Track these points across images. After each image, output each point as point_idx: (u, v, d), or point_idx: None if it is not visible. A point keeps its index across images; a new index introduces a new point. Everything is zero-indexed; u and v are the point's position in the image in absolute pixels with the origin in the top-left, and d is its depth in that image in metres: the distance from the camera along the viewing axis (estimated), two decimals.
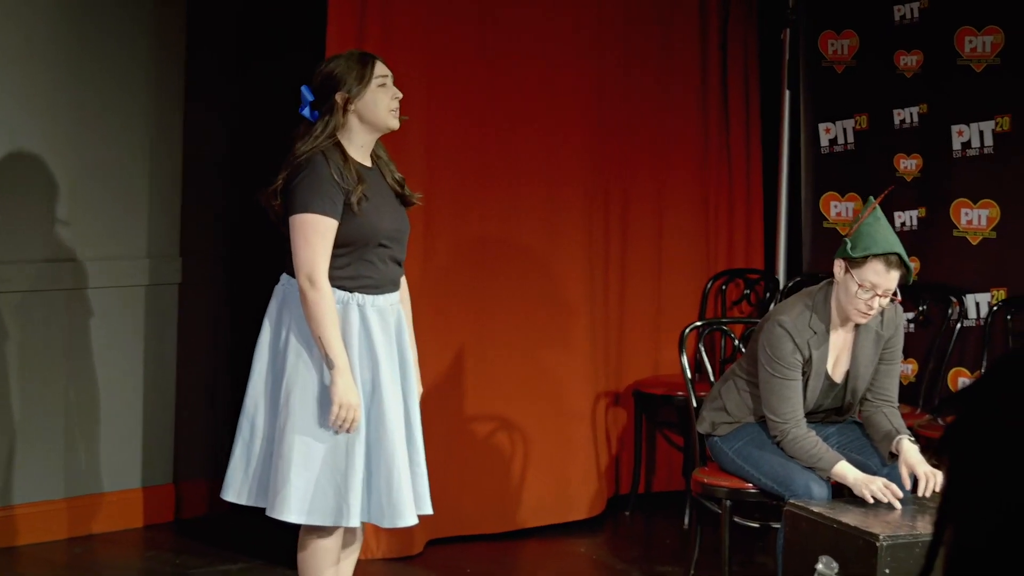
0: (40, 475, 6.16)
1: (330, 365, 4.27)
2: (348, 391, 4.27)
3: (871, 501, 4.68)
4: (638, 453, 7.05)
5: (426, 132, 6.06)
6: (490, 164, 6.42)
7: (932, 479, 4.75)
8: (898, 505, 4.65)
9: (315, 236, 4.29)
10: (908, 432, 4.98)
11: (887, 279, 4.78)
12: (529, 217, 6.54)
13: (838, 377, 5.02)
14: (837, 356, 4.99)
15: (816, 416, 5.08)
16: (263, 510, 4.51)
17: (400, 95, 4.49)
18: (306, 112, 4.45)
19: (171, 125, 6.53)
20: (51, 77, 6.10)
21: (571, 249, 6.67)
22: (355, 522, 4.37)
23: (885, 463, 4.98)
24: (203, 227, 6.71)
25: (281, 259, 4.51)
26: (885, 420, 5.00)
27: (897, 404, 5.09)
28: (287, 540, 5.92)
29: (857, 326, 4.96)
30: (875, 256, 4.77)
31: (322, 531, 4.45)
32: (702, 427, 5.23)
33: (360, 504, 4.36)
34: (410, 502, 4.42)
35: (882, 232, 4.82)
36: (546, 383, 6.59)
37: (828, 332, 4.92)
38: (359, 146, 4.46)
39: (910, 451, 4.85)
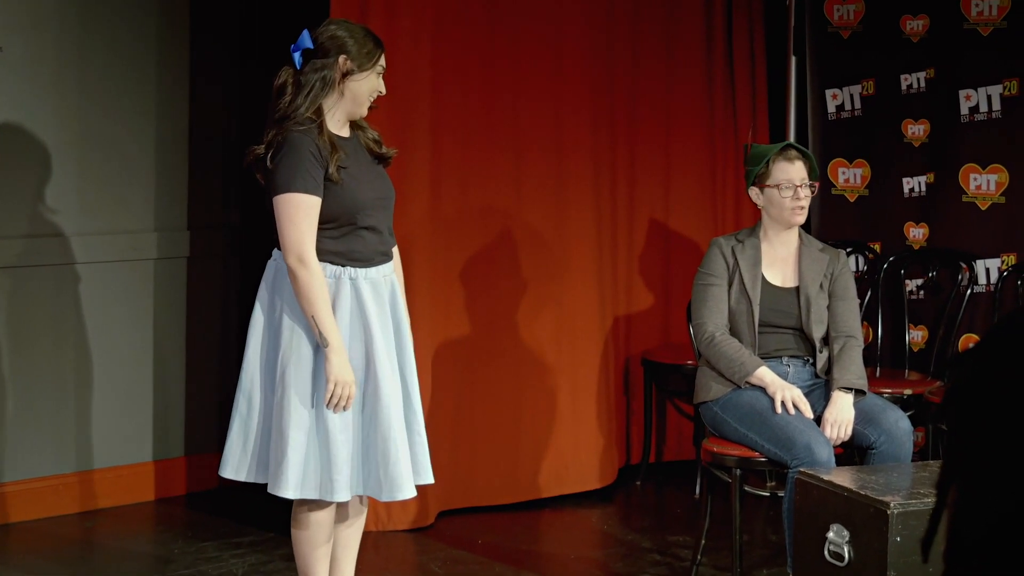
0: (50, 449, 6.18)
1: (324, 344, 4.24)
2: (343, 369, 4.25)
3: (779, 406, 4.98)
4: (648, 422, 7.05)
5: (432, 105, 6.05)
6: (497, 135, 6.39)
7: (836, 429, 4.99)
8: (792, 413, 4.98)
9: (299, 215, 4.25)
10: (856, 376, 5.11)
11: (795, 169, 5.20)
12: (536, 187, 6.52)
13: (784, 283, 5.25)
14: (777, 267, 5.27)
15: (777, 338, 5.22)
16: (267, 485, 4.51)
17: (384, 91, 4.45)
18: (297, 56, 4.38)
19: (177, 97, 6.52)
20: (57, 51, 6.09)
21: (579, 218, 6.65)
22: (342, 496, 4.34)
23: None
24: (210, 200, 6.71)
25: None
26: (838, 367, 5.13)
27: (860, 338, 5.27)
28: None
29: (800, 246, 5.26)
30: (774, 156, 5.22)
31: (314, 505, 4.44)
32: (697, 397, 5.30)
33: (347, 478, 4.33)
34: (408, 475, 4.38)
35: (763, 145, 5.46)
36: (555, 353, 6.59)
37: (759, 243, 5.26)
38: (336, 119, 4.41)
39: (834, 401, 5.06)
